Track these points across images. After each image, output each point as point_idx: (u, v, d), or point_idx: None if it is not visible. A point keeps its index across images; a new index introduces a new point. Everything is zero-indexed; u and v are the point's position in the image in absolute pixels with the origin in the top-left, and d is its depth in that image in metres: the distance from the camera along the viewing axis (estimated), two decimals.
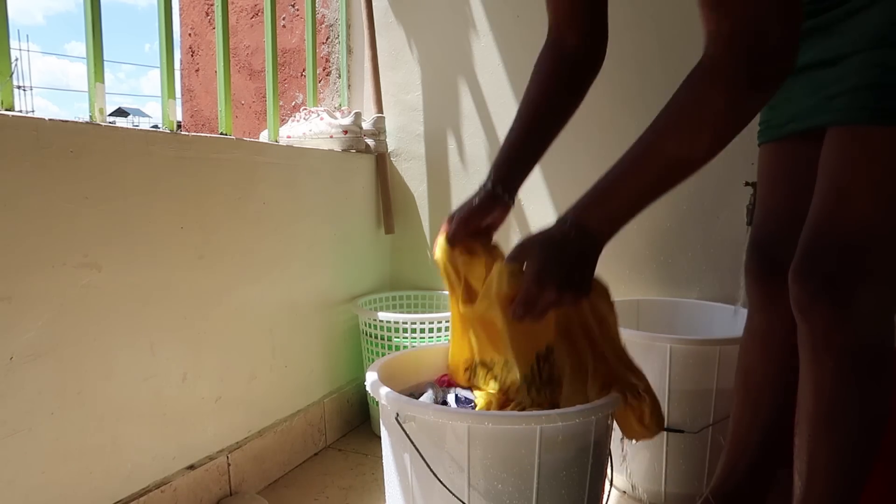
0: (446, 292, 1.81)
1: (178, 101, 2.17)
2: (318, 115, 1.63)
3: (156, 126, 1.29)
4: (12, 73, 0.92)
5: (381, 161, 1.78)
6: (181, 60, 2.20)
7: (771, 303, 1.01)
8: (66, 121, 0.95)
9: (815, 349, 0.81)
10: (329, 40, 1.89)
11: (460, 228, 0.89)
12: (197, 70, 2.17)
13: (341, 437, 1.63)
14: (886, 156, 0.76)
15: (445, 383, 1.19)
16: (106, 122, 1.06)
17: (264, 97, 1.83)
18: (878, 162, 0.76)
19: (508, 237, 1.72)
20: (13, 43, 1.00)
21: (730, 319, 1.45)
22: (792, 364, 1.02)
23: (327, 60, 1.89)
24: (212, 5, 2.10)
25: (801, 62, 0.87)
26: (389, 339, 1.54)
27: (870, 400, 0.80)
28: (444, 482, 0.89)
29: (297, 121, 1.65)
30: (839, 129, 0.80)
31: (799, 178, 0.95)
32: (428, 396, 1.00)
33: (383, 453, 1.03)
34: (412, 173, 1.83)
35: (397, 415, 0.91)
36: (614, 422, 0.95)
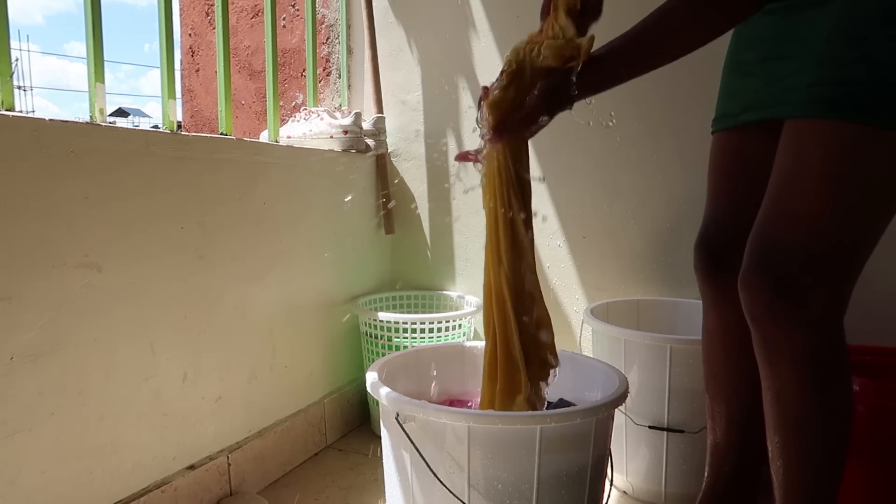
0: (446, 292, 1.82)
1: (179, 102, 2.17)
2: (319, 115, 1.63)
3: (156, 126, 1.30)
4: (13, 74, 0.92)
5: (381, 161, 1.78)
6: (181, 60, 2.20)
7: (724, 300, 0.99)
8: (67, 121, 0.95)
9: (770, 357, 0.79)
10: (329, 40, 1.89)
11: None
12: (197, 70, 2.17)
13: (341, 437, 1.63)
14: (838, 151, 0.74)
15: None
16: (106, 122, 1.06)
17: (264, 97, 1.83)
18: (831, 158, 0.74)
19: None
20: (13, 43, 1.00)
21: None
22: (755, 361, 1.00)
23: (327, 60, 1.89)
24: (212, 5, 2.10)
25: (762, 54, 0.88)
26: (389, 339, 1.54)
27: (831, 402, 0.79)
28: (444, 482, 0.89)
29: (298, 121, 1.65)
30: (794, 122, 0.79)
31: (750, 171, 0.94)
32: None
33: (383, 453, 1.03)
34: (412, 173, 1.83)
35: (397, 415, 0.91)
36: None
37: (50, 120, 0.92)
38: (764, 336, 0.79)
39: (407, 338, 1.52)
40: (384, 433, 1.01)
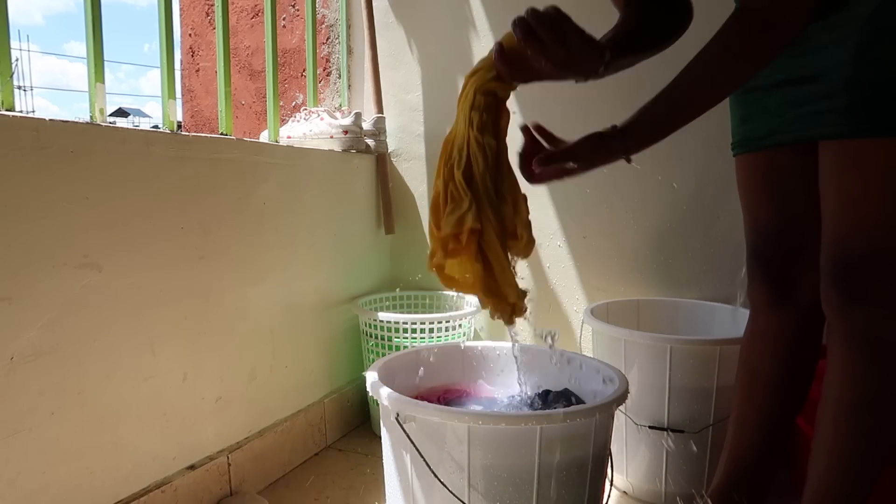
0: (446, 292, 1.82)
1: (179, 102, 2.17)
2: (319, 115, 1.63)
3: (156, 126, 1.30)
4: (13, 74, 0.92)
5: (382, 161, 1.78)
6: (181, 60, 2.20)
7: (777, 305, 1.03)
8: (67, 121, 0.95)
9: (852, 342, 0.85)
10: (329, 40, 1.89)
11: None
12: (197, 70, 2.17)
13: (341, 437, 1.63)
14: (892, 165, 0.81)
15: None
16: (106, 122, 1.06)
17: (264, 97, 1.83)
18: (888, 172, 0.81)
19: None
20: (13, 43, 1.00)
21: (730, 319, 1.45)
22: (798, 365, 1.04)
23: (327, 61, 1.90)
24: (212, 5, 2.10)
25: (775, 79, 0.92)
26: (389, 339, 1.54)
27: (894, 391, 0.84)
28: (444, 482, 0.89)
29: (298, 121, 1.65)
30: (841, 142, 0.84)
31: (785, 187, 0.99)
32: None
33: (383, 453, 1.03)
34: (412, 173, 1.83)
35: (397, 415, 0.91)
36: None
37: (50, 120, 0.92)
38: (849, 327, 0.85)
39: (407, 338, 1.52)
40: (384, 433, 1.01)
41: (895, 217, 0.82)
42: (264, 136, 1.57)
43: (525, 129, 0.88)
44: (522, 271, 1.71)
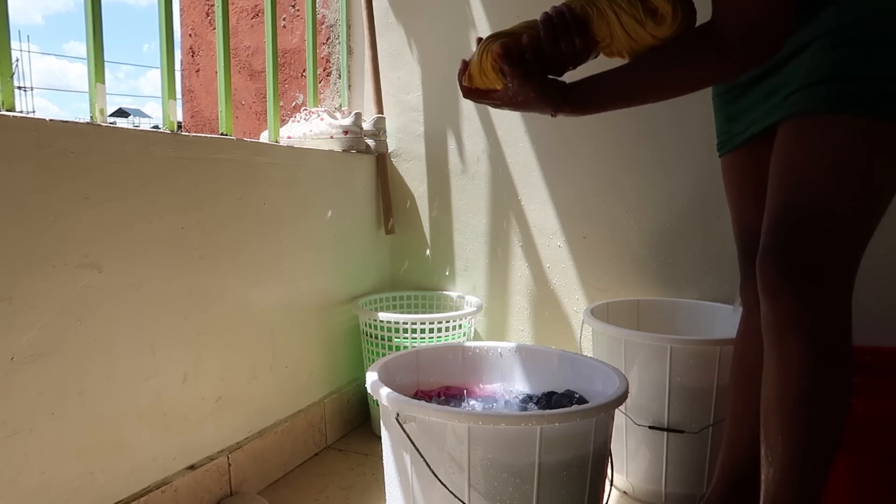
0: (446, 292, 1.82)
1: (179, 102, 2.17)
2: (319, 115, 1.63)
3: (156, 126, 1.30)
4: (13, 74, 0.92)
5: (382, 161, 1.78)
6: (181, 61, 2.20)
7: None
8: (67, 121, 0.95)
9: (781, 331, 0.82)
10: (329, 41, 1.89)
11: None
12: (197, 70, 2.17)
13: (341, 437, 1.63)
14: (839, 140, 0.79)
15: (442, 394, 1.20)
16: (106, 122, 1.06)
17: (265, 97, 1.83)
18: (832, 146, 0.80)
19: (509, 237, 1.72)
20: (13, 43, 1.00)
21: (730, 319, 1.45)
22: None
23: (328, 61, 1.90)
24: (212, 5, 2.10)
25: (754, 74, 0.93)
26: (389, 339, 1.54)
27: (836, 377, 0.82)
28: (444, 482, 0.89)
29: (298, 121, 1.65)
30: (792, 120, 0.84)
31: (765, 181, 0.98)
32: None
33: (383, 453, 1.03)
34: (412, 173, 1.83)
35: (397, 415, 0.91)
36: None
37: (50, 120, 0.92)
38: (777, 312, 0.82)
39: (407, 338, 1.52)
40: (384, 433, 1.01)
41: (833, 188, 0.80)
42: (264, 137, 1.57)
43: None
44: (522, 270, 1.71)
